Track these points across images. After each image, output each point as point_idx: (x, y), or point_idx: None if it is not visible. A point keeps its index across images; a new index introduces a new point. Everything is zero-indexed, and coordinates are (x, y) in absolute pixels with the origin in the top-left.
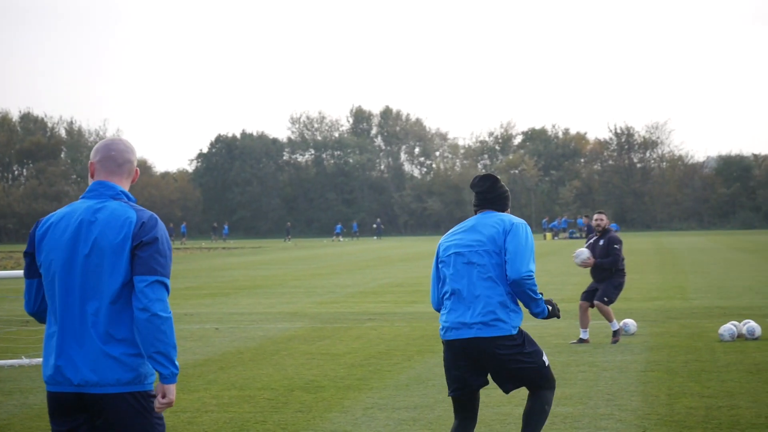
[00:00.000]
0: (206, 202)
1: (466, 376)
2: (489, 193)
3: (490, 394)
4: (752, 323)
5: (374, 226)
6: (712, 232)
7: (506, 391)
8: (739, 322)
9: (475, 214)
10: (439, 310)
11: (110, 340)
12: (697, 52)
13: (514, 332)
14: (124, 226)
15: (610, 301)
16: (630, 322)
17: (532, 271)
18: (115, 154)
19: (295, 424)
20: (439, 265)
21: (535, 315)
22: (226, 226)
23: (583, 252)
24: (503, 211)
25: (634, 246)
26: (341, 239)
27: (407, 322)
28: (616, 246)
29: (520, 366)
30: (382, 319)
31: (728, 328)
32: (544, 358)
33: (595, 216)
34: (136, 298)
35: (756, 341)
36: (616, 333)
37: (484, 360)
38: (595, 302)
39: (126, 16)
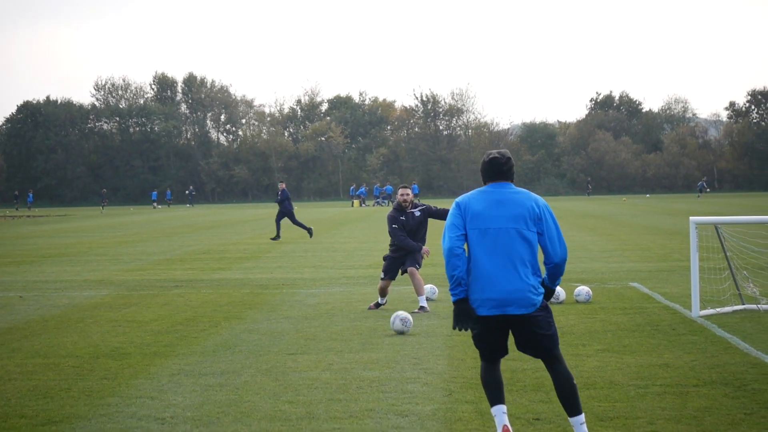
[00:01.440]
0: (10, 170)
1: (502, 341)
2: (506, 165)
3: (297, 360)
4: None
5: (186, 192)
6: None
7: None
8: None
9: (485, 183)
10: (449, 247)
11: None
12: (498, 21)
13: (542, 303)
14: None
15: (419, 266)
16: (430, 287)
17: (566, 255)
18: None
19: (101, 390)
20: (468, 231)
21: (553, 286)
22: (30, 194)
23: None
24: (513, 182)
25: None
26: (159, 206)
27: (214, 289)
28: (433, 209)
29: (547, 334)
30: (188, 286)
31: None
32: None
33: (401, 191)
34: None
35: (560, 305)
36: (423, 308)
37: (519, 330)
38: (410, 269)
39: None
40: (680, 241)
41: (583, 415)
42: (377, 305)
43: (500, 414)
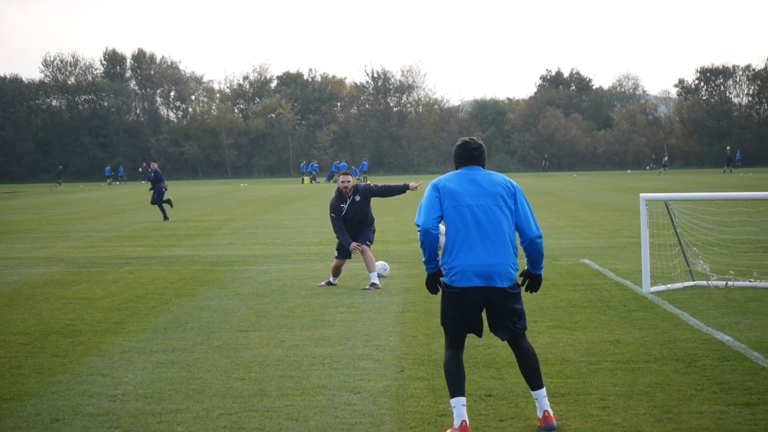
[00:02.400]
0: None
1: (475, 318)
2: (477, 150)
3: (249, 337)
4: None
5: (140, 170)
6: None
7: (501, 335)
8: None
9: (457, 168)
10: (426, 228)
11: None
12: None
13: (515, 281)
14: None
15: (371, 243)
16: (381, 264)
17: (541, 233)
18: None
19: (52, 368)
20: (445, 209)
21: (538, 270)
22: None
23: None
24: (484, 168)
25: None
26: (116, 182)
27: (165, 266)
28: (374, 188)
29: (519, 309)
30: (139, 263)
31: None
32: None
33: (342, 179)
34: None
35: None
36: (374, 285)
37: (495, 305)
38: (362, 246)
39: None
40: (631, 218)
41: (545, 388)
42: (329, 283)
43: (460, 406)
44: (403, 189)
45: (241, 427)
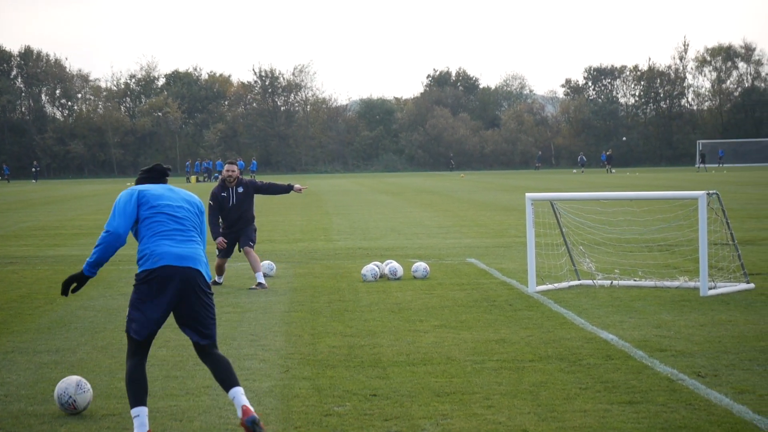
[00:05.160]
0: None
1: (164, 314)
2: (165, 173)
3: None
4: (394, 264)
5: (33, 170)
6: (356, 174)
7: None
8: (382, 262)
9: (146, 182)
10: (118, 234)
11: None
12: None
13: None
14: None
15: (254, 243)
16: (268, 264)
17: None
18: None
19: None
20: (146, 210)
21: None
22: None
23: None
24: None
25: None
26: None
27: (49, 266)
28: (258, 183)
29: (210, 308)
30: (23, 263)
31: (371, 268)
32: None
33: (227, 167)
34: None
35: (398, 281)
36: (261, 285)
37: (189, 292)
38: (245, 248)
39: None
40: (517, 217)
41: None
42: (214, 283)
43: (144, 416)
44: (287, 189)
45: (124, 428)
